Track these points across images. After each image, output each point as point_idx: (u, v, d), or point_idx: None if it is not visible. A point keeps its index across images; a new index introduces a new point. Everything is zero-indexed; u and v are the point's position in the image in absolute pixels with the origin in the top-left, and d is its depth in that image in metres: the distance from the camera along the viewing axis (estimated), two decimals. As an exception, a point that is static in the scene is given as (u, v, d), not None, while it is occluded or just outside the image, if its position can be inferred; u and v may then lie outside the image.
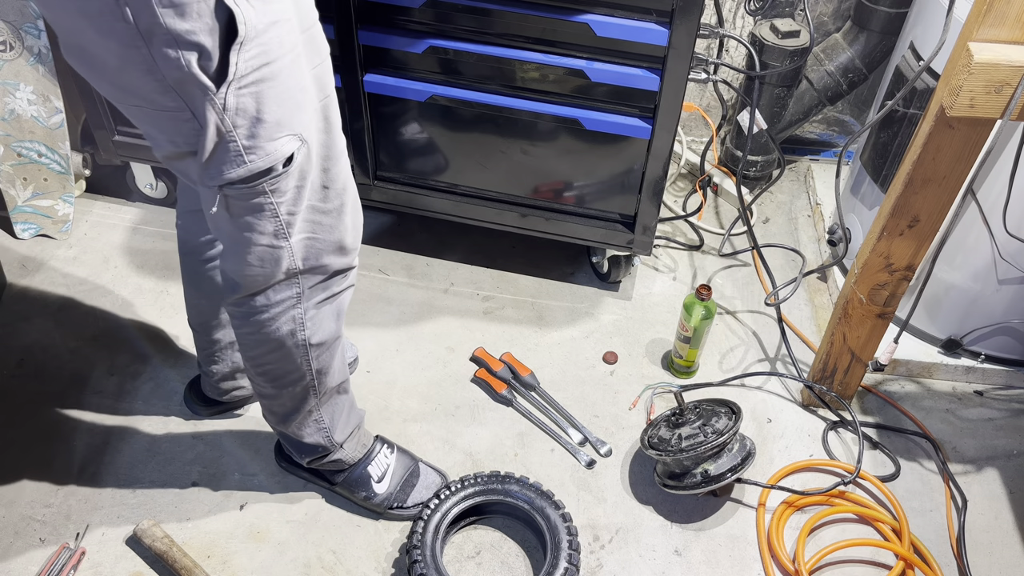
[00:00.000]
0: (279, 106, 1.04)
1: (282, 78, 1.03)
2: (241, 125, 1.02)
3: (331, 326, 1.33)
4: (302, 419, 1.43)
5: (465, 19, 1.62)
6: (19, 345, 1.85)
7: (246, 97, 1.00)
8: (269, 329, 1.27)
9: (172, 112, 1.01)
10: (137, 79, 0.97)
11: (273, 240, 1.16)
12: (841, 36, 2.13)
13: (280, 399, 1.40)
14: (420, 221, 2.19)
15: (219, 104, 0.99)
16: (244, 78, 0.99)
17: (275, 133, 1.05)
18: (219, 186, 1.07)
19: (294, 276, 1.23)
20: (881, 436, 1.78)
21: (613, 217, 1.90)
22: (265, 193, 1.10)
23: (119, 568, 1.49)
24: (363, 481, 1.55)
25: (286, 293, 1.25)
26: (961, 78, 1.19)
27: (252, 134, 1.03)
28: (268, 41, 0.99)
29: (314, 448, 1.49)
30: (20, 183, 1.99)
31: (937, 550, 1.58)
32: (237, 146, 1.03)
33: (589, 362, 1.89)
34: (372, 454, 1.57)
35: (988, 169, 1.59)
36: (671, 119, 1.67)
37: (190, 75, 0.96)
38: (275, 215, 1.13)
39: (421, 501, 1.56)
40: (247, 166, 1.05)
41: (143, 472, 1.63)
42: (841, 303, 1.64)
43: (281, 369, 1.34)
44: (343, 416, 1.48)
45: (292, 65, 1.04)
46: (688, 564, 1.55)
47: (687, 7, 1.51)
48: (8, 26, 1.78)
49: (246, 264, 1.18)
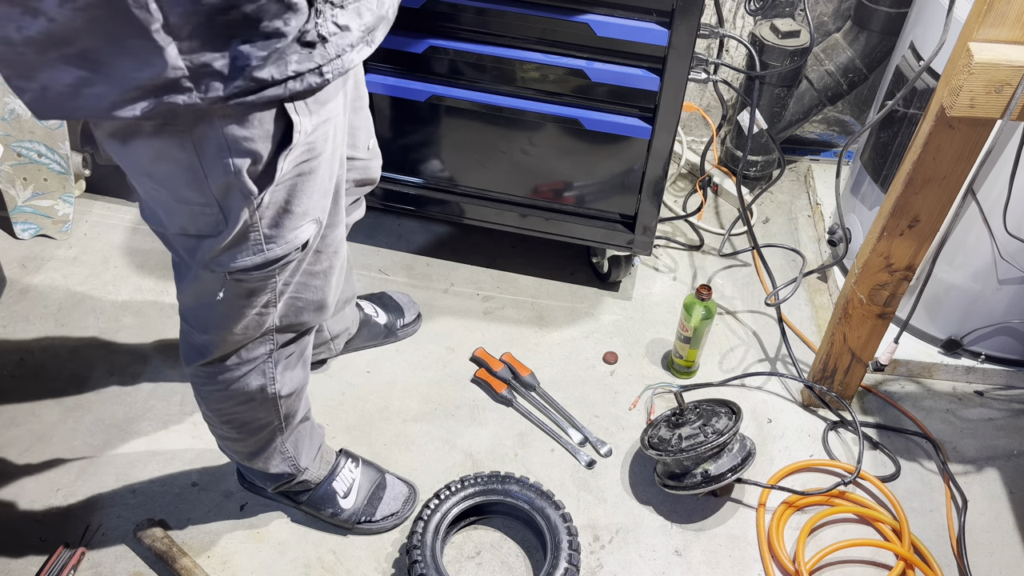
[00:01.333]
0: (309, 197, 1.01)
1: (319, 172, 1.00)
2: (267, 217, 0.98)
3: (299, 376, 1.31)
4: (267, 455, 1.40)
5: (465, 19, 1.62)
6: (19, 345, 1.84)
7: (280, 192, 0.97)
8: (237, 386, 1.24)
9: (196, 206, 0.96)
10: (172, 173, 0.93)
11: (262, 310, 1.13)
12: (841, 36, 2.13)
13: (245, 443, 1.36)
14: (420, 221, 2.19)
15: (255, 204, 0.95)
16: (285, 176, 0.96)
17: (299, 222, 1.02)
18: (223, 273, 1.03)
19: (269, 335, 1.19)
20: (881, 436, 1.78)
21: (613, 217, 1.90)
22: (273, 276, 1.07)
23: (119, 568, 1.49)
24: (328, 498, 1.52)
25: (259, 351, 1.21)
26: (961, 78, 1.19)
27: (276, 224, 1.00)
28: (314, 140, 0.97)
29: (279, 477, 1.45)
30: (20, 183, 1.99)
31: (937, 550, 1.58)
32: (258, 235, 0.99)
33: (589, 362, 1.89)
34: (336, 470, 1.53)
35: (988, 169, 1.59)
36: (671, 119, 1.67)
37: (237, 181, 0.92)
38: (272, 290, 1.10)
39: (391, 513, 1.54)
40: (263, 255, 1.01)
41: (143, 472, 1.63)
42: (841, 303, 1.64)
43: (248, 417, 1.30)
44: (307, 441, 1.46)
45: (331, 157, 1.02)
46: (688, 564, 1.55)
47: (687, 7, 1.51)
48: (8, 26, 1.78)
49: (229, 333, 1.14)
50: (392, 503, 1.56)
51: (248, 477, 1.56)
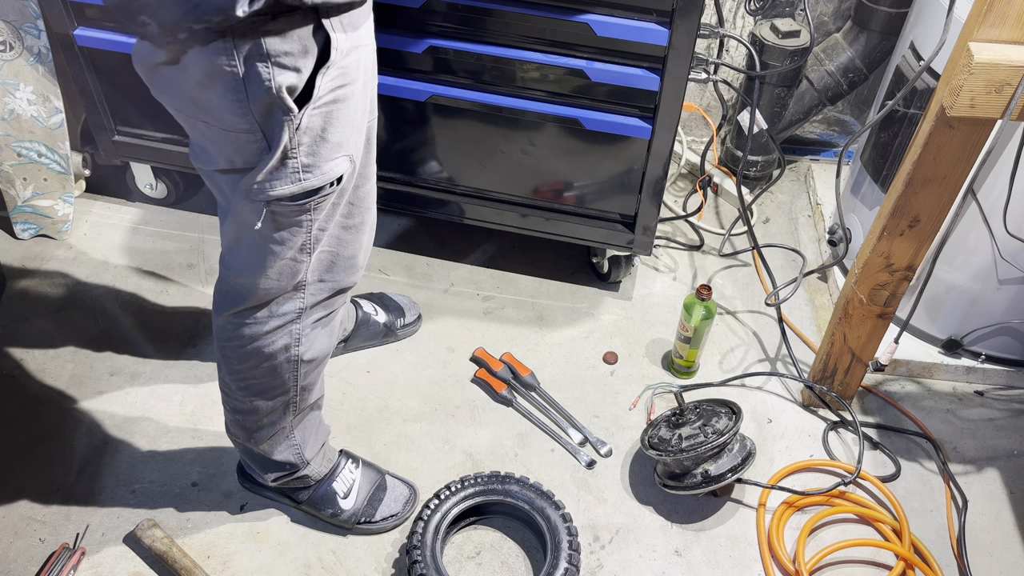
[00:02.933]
0: (343, 127, 1.06)
1: (352, 101, 1.05)
2: (305, 143, 1.03)
3: (324, 343, 1.33)
4: (275, 436, 1.40)
5: (465, 19, 1.62)
6: (19, 345, 1.84)
7: (317, 117, 1.02)
8: (263, 343, 1.25)
9: (241, 133, 1.01)
10: (219, 97, 0.98)
11: (297, 254, 1.16)
12: (841, 36, 2.13)
13: (256, 415, 1.36)
14: (420, 221, 2.19)
15: (295, 125, 1.00)
16: (321, 99, 1.01)
17: (333, 153, 1.07)
18: (266, 202, 1.07)
19: (301, 289, 1.22)
20: (881, 436, 1.78)
21: (613, 217, 1.90)
22: (308, 211, 1.11)
23: (119, 568, 1.49)
24: (329, 498, 1.52)
25: (289, 307, 1.24)
26: (961, 78, 1.19)
27: (313, 152, 1.04)
28: (348, 64, 1.02)
29: (282, 465, 1.45)
30: (20, 183, 1.99)
31: (937, 550, 1.58)
32: (297, 164, 1.04)
33: (589, 362, 1.89)
34: (337, 470, 1.53)
35: (988, 169, 1.59)
36: (671, 119, 1.67)
37: (277, 99, 0.97)
38: (308, 231, 1.14)
39: (390, 514, 1.55)
40: (300, 184, 1.06)
41: (143, 472, 1.63)
42: (841, 303, 1.64)
43: (266, 384, 1.31)
44: (313, 432, 1.46)
45: (362, 88, 1.07)
46: (688, 564, 1.55)
47: (687, 7, 1.51)
48: (8, 26, 1.78)
49: (264, 277, 1.17)
50: (392, 504, 1.56)
51: (249, 470, 1.55)
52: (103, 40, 1.81)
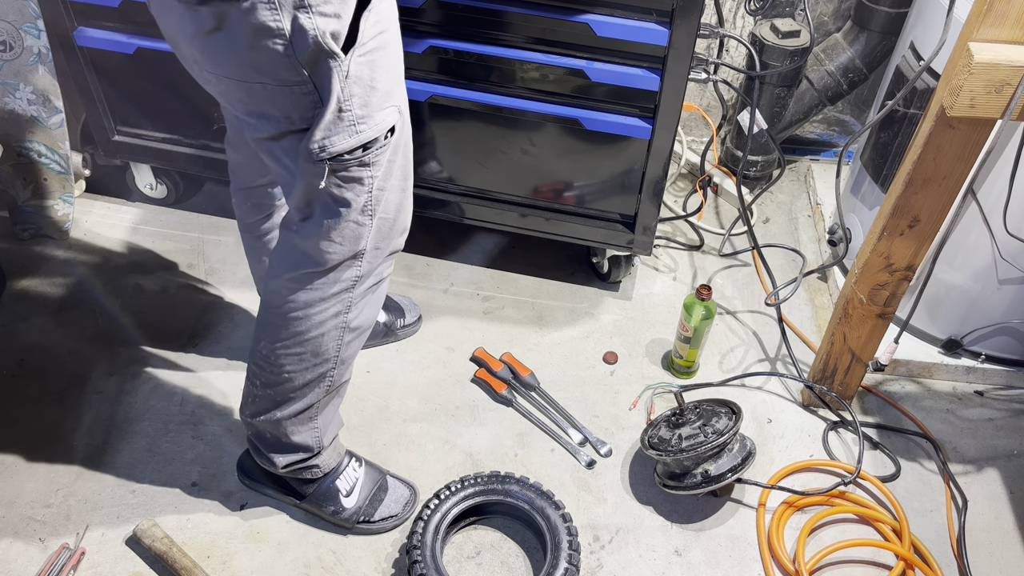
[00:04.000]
0: (388, 74, 1.09)
1: (391, 47, 1.09)
2: (357, 94, 1.06)
3: (371, 312, 1.34)
4: (301, 414, 1.39)
5: (465, 19, 1.62)
6: (19, 345, 1.84)
7: (363, 65, 1.05)
8: (317, 308, 1.26)
9: (294, 87, 1.04)
10: (269, 54, 1.01)
11: (360, 216, 1.18)
12: (841, 36, 2.13)
13: (290, 386, 1.34)
14: (420, 221, 2.17)
15: (343, 72, 1.03)
16: (365, 45, 1.04)
17: (384, 103, 1.10)
18: (327, 159, 1.10)
19: (360, 257, 1.24)
20: (881, 436, 1.78)
21: (613, 217, 1.90)
22: (367, 166, 1.14)
23: (119, 568, 1.49)
24: (331, 495, 1.52)
25: (349, 274, 1.25)
26: (961, 78, 1.19)
27: (365, 103, 1.08)
28: (383, 10, 1.05)
29: (298, 448, 1.44)
30: (20, 183, 1.99)
31: (937, 550, 1.58)
32: (352, 116, 1.07)
33: (589, 362, 1.89)
34: (341, 467, 1.54)
35: (988, 169, 1.59)
36: (671, 119, 1.67)
37: (321, 44, 1.00)
38: (369, 189, 1.16)
39: (389, 515, 1.55)
40: (358, 136, 1.09)
41: (143, 472, 1.63)
42: (841, 303, 1.64)
43: (309, 352, 1.31)
44: (333, 419, 1.47)
45: (397, 36, 1.11)
46: (688, 564, 1.55)
47: (687, 7, 1.51)
48: (8, 26, 1.78)
49: (329, 240, 1.19)
50: (392, 505, 1.56)
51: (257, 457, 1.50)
52: (103, 40, 1.81)
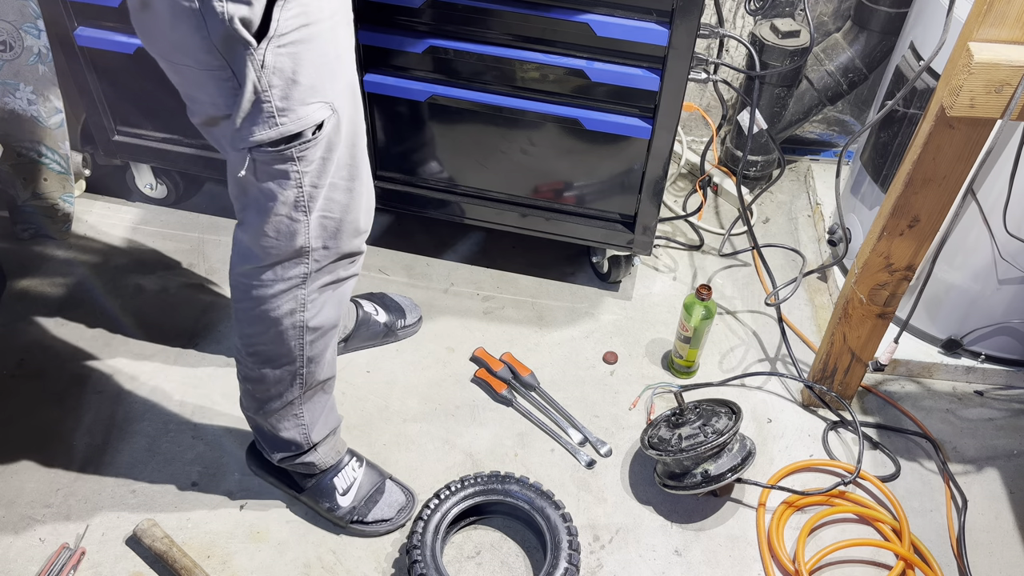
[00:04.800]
0: (315, 70, 1.06)
1: (320, 42, 1.05)
2: (276, 85, 1.04)
3: (331, 312, 1.33)
4: (283, 410, 1.40)
5: (465, 19, 1.62)
6: (19, 345, 1.84)
7: (284, 57, 1.03)
8: (269, 306, 1.27)
9: (215, 72, 1.03)
10: (187, 35, 1.00)
11: (292, 211, 1.17)
12: (841, 36, 2.13)
13: (265, 384, 1.37)
14: (420, 221, 2.19)
15: (258, 61, 1.01)
16: (284, 36, 1.01)
17: (308, 97, 1.07)
18: (248, 148, 1.09)
19: (305, 254, 1.23)
20: (881, 436, 1.78)
21: (613, 217, 1.90)
22: (292, 160, 1.11)
23: (119, 568, 1.49)
24: (328, 492, 1.53)
25: (294, 271, 1.24)
26: (961, 78, 1.19)
27: (286, 95, 1.05)
28: (309, 3, 1.02)
29: (289, 444, 1.46)
30: (20, 183, 1.99)
31: (937, 550, 1.58)
32: (271, 107, 1.06)
33: (589, 362, 1.89)
34: (341, 465, 1.55)
35: (988, 169, 1.59)
36: (671, 119, 1.67)
37: (232, 31, 0.98)
38: (299, 185, 1.14)
39: (383, 518, 1.55)
40: (278, 128, 1.07)
41: (143, 472, 1.63)
42: (841, 303, 1.64)
43: (273, 351, 1.32)
44: (322, 416, 1.47)
45: (331, 32, 1.07)
46: (688, 564, 1.55)
47: (687, 7, 1.51)
48: (8, 26, 1.78)
49: (263, 234, 1.19)
50: (386, 509, 1.56)
51: (259, 447, 1.54)
52: (103, 40, 1.81)
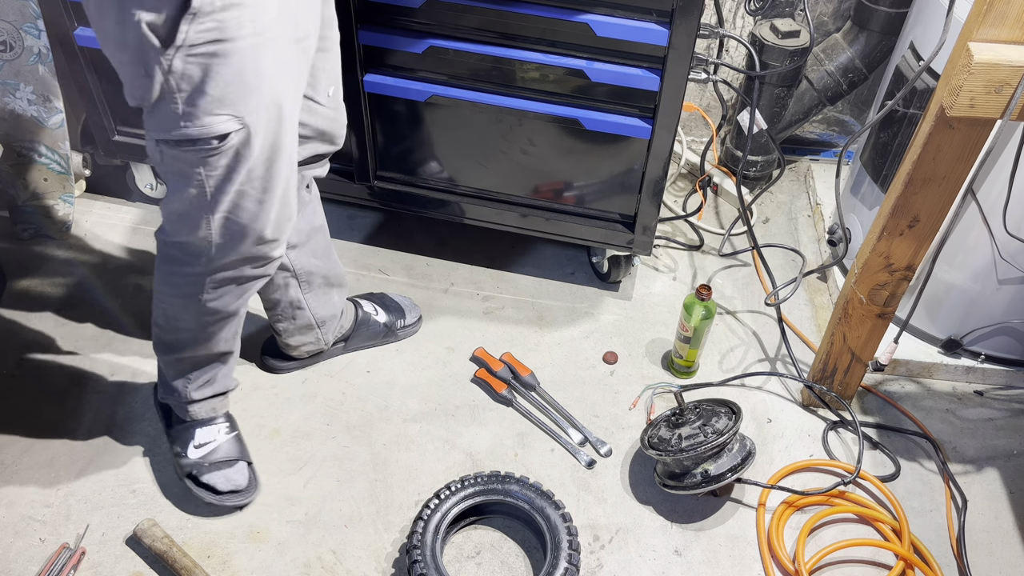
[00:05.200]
0: (226, 85, 1.07)
1: (235, 59, 1.06)
2: (183, 91, 1.07)
3: (230, 301, 1.38)
4: (176, 363, 1.50)
5: (465, 19, 1.62)
6: (19, 345, 1.85)
7: (193, 66, 1.05)
8: (174, 276, 1.34)
9: (132, 66, 1.07)
10: (111, 28, 1.04)
11: (193, 208, 1.21)
12: (841, 36, 2.13)
13: (165, 335, 1.47)
14: (420, 221, 2.19)
15: (165, 65, 1.04)
16: (194, 48, 1.03)
17: (215, 109, 1.08)
18: (155, 140, 1.15)
19: (208, 245, 1.26)
20: (881, 436, 1.78)
21: (613, 217, 1.90)
22: (196, 163, 1.14)
23: (119, 568, 1.49)
24: (185, 439, 1.59)
25: (196, 257, 1.29)
26: (961, 78, 1.19)
27: (192, 102, 1.08)
28: (226, 20, 1.03)
29: (172, 390, 1.55)
30: (20, 183, 1.99)
31: (937, 550, 1.58)
32: (177, 109, 1.08)
33: (589, 362, 1.89)
34: (210, 422, 1.59)
35: (988, 169, 1.59)
36: (671, 119, 1.67)
37: (142, 34, 1.01)
38: (202, 185, 1.17)
39: (213, 486, 1.56)
40: (180, 131, 1.10)
41: (143, 472, 1.63)
42: (841, 303, 1.64)
43: (173, 312, 1.41)
44: (210, 380, 1.54)
45: (252, 51, 1.07)
46: (688, 564, 1.55)
47: (687, 7, 1.51)
48: (8, 26, 1.78)
49: (170, 214, 1.26)
50: (222, 481, 1.57)
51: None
52: (103, 40, 1.81)
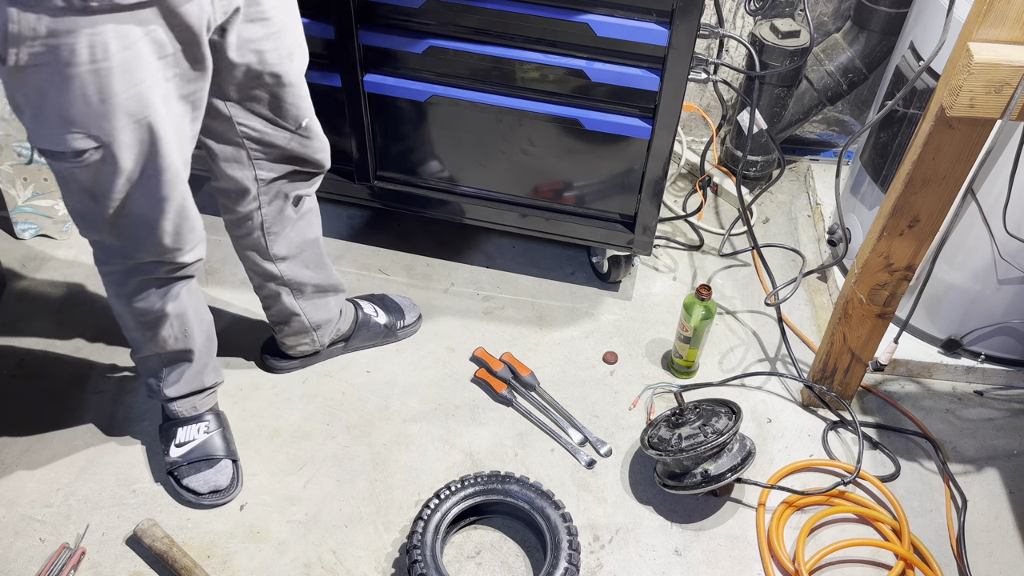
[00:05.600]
0: (69, 106, 1.10)
1: (75, 84, 1.08)
2: (27, 108, 1.13)
3: (155, 302, 1.42)
4: (141, 360, 1.55)
5: (465, 19, 1.62)
6: (19, 345, 1.85)
7: (30, 87, 1.09)
8: (104, 277, 1.41)
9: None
10: None
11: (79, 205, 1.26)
12: (841, 36, 2.13)
13: (125, 334, 1.52)
14: (420, 221, 2.19)
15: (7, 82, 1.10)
16: (26, 70, 1.06)
17: (64, 127, 1.13)
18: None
19: (116, 247, 1.32)
20: (881, 436, 1.78)
21: (613, 217, 1.90)
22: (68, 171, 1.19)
23: (119, 568, 1.49)
24: (168, 437, 1.62)
25: (111, 260, 1.36)
26: (961, 78, 1.19)
27: (38, 119, 1.13)
28: (57, 46, 1.05)
29: (149, 387, 1.59)
30: (20, 183, 1.99)
31: (937, 550, 1.58)
32: (27, 120, 1.15)
33: (589, 362, 1.89)
34: (192, 421, 1.62)
35: (988, 169, 1.59)
36: (671, 119, 1.67)
37: None
38: (80, 190, 1.22)
39: (191, 487, 1.57)
40: (38, 142, 1.17)
41: (143, 472, 1.63)
42: (841, 303, 1.64)
43: (117, 312, 1.47)
44: (185, 381, 1.57)
45: (93, 76, 1.08)
46: (688, 564, 1.55)
47: (687, 7, 1.51)
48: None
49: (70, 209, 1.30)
50: (201, 483, 1.58)
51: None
52: (103, 40, 1.81)
